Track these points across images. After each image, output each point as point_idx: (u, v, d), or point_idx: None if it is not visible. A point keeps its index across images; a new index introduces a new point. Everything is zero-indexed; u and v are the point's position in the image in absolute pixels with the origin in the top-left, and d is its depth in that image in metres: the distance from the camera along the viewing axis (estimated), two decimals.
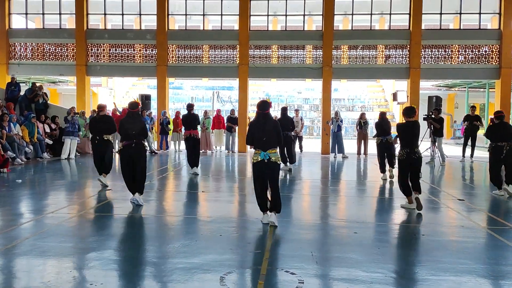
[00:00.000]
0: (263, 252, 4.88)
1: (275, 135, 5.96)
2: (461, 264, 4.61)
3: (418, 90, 16.97)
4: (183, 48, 17.86)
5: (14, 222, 6.06)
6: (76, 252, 4.77)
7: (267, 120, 5.99)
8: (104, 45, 17.98)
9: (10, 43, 18.01)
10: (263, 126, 5.92)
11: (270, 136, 5.89)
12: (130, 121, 7.20)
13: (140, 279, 4.08)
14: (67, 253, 4.71)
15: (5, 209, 6.85)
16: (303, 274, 4.21)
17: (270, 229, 5.78)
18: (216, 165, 14.00)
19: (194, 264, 4.45)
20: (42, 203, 7.51)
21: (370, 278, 4.14)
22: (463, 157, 15.09)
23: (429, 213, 7.26)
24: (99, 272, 4.19)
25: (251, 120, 6.41)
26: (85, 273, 4.17)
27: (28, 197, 8.07)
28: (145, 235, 5.68)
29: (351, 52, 17.40)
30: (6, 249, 4.79)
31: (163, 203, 7.78)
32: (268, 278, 4.05)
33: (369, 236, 5.79)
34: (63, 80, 25.57)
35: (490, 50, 16.88)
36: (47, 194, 8.38)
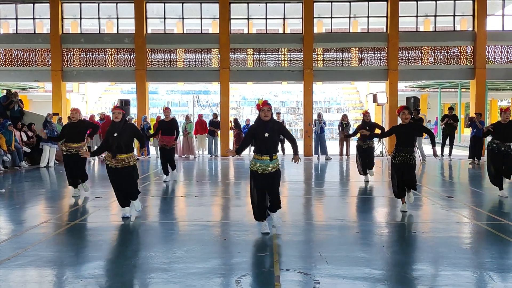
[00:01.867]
0: (271, 254, 4.87)
1: (279, 138, 5.69)
2: (466, 259, 4.72)
3: (397, 91, 17.32)
4: (162, 52, 17.68)
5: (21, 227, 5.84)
6: (80, 262, 4.63)
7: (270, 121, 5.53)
8: (80, 50, 17.60)
9: None
10: (265, 127, 5.46)
11: (275, 139, 5.54)
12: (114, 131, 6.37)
13: (156, 285, 3.99)
14: (71, 262, 4.57)
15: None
16: (316, 274, 4.23)
17: (272, 230, 5.77)
18: (201, 170, 13.89)
19: (206, 268, 4.39)
20: (34, 211, 7.27)
21: (384, 276, 4.18)
22: (442, 155, 15.49)
23: (423, 211, 7.43)
24: (109, 281, 4.08)
25: (252, 124, 5.88)
26: (96, 282, 4.05)
27: (18, 207, 7.79)
28: (148, 242, 5.57)
29: (331, 55, 17.60)
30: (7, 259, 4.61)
31: (158, 209, 7.65)
32: (284, 280, 4.04)
33: (371, 235, 5.85)
34: (34, 86, 24.86)
35: (465, 51, 17.40)
36: (36, 203, 8.12)
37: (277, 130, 5.51)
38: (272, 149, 5.46)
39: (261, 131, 5.42)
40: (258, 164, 5.48)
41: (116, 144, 6.26)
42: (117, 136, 6.26)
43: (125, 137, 6.33)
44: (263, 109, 5.43)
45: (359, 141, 10.20)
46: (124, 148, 6.32)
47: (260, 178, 5.48)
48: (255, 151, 5.55)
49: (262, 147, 5.44)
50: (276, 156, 5.50)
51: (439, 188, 9.71)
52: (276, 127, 5.52)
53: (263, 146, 5.43)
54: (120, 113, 6.38)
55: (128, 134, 6.38)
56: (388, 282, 4.01)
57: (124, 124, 6.38)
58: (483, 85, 17.30)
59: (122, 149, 6.30)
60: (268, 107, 5.45)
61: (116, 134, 6.25)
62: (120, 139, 6.26)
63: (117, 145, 6.27)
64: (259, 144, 5.47)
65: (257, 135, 5.46)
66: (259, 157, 5.50)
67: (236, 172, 13.12)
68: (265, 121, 5.44)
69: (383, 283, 4.00)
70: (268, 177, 5.48)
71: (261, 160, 5.48)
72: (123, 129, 6.33)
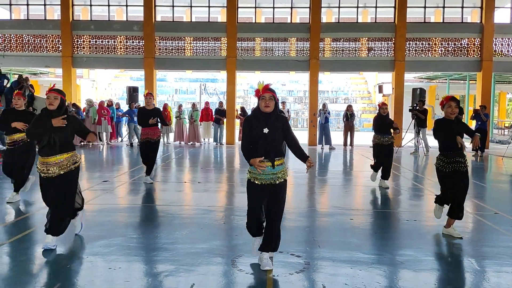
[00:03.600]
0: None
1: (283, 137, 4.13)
2: (455, 246, 4.92)
3: (403, 82, 17.39)
4: (171, 40, 17.87)
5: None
6: (86, 240, 4.91)
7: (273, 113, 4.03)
8: (90, 36, 17.85)
9: None
10: (265, 121, 3.98)
11: (278, 138, 4.07)
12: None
13: (156, 262, 4.26)
14: (77, 241, 4.85)
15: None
16: (307, 257, 4.47)
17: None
18: (206, 157, 14.17)
19: (204, 249, 4.65)
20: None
21: (371, 259, 4.41)
22: None
23: (421, 201, 7.64)
24: (114, 258, 4.36)
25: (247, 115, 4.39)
26: (102, 259, 4.32)
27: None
28: (151, 224, 5.84)
29: (337, 45, 17.67)
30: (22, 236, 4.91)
31: (163, 194, 7.93)
32: (276, 261, 4.27)
33: (364, 222, 6.08)
34: (45, 71, 25.22)
35: (472, 43, 17.37)
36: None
37: (280, 126, 4.03)
38: (274, 152, 4.00)
39: (259, 126, 3.96)
40: (255, 171, 4.01)
41: (48, 140, 4.48)
42: (50, 129, 4.46)
43: (62, 131, 4.53)
44: (264, 97, 3.96)
45: (378, 139, 8.33)
46: (58, 148, 4.51)
47: (257, 191, 4.05)
48: (252, 154, 4.02)
49: (259, 148, 3.97)
50: (281, 161, 4.06)
51: None
52: (279, 122, 4.03)
53: (260, 146, 3.96)
54: (57, 98, 4.54)
55: (68, 129, 4.56)
56: (375, 265, 4.24)
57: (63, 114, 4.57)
58: (489, 77, 17.30)
59: (56, 148, 4.51)
60: (270, 94, 3.96)
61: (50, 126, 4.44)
62: (55, 134, 4.48)
63: (48, 141, 4.49)
64: (256, 144, 3.99)
65: (253, 132, 3.98)
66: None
67: (241, 160, 13.37)
68: (265, 113, 3.99)
69: (370, 265, 4.23)
70: (269, 191, 4.03)
71: (262, 168, 3.96)
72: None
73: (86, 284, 3.74)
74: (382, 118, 8.18)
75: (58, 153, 4.51)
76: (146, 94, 8.40)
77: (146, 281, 3.80)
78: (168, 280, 3.84)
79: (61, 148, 4.51)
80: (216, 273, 4.04)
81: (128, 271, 4.07)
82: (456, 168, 5.06)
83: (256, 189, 4.06)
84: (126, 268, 4.13)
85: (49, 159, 4.50)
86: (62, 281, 3.75)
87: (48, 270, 4.10)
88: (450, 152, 5.08)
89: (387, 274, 4.06)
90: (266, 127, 3.96)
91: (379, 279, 3.91)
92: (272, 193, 4.04)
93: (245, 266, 4.18)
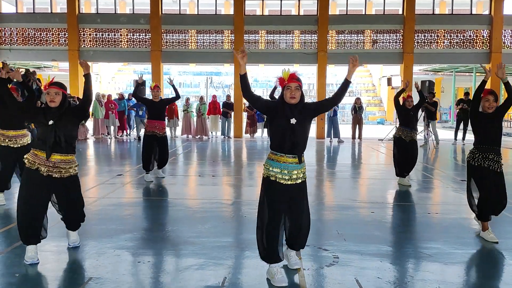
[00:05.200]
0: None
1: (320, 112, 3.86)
2: (482, 239, 4.88)
3: (412, 74, 17.30)
4: (177, 33, 17.78)
5: None
6: (110, 234, 4.88)
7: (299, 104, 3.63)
8: (96, 29, 17.77)
9: (0, 28, 17.66)
10: (292, 111, 3.57)
11: (307, 130, 3.70)
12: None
13: (184, 256, 4.23)
14: (106, 234, 4.83)
15: None
16: (335, 250, 4.43)
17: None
18: (215, 150, 14.14)
19: (230, 242, 4.63)
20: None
21: (399, 253, 4.38)
22: (455, 140, 15.55)
23: (435, 193, 7.61)
24: (141, 251, 4.34)
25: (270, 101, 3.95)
26: (128, 253, 4.30)
27: None
28: (171, 217, 5.83)
29: (345, 37, 17.57)
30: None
31: (177, 187, 7.91)
32: (304, 254, 4.24)
33: (385, 215, 6.06)
34: (48, 65, 25.16)
35: (481, 34, 17.26)
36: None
37: (310, 115, 3.67)
38: (302, 145, 3.63)
39: (285, 116, 3.54)
40: (278, 169, 3.57)
41: (52, 138, 3.95)
42: (54, 125, 3.95)
43: (65, 127, 4.03)
44: (289, 87, 3.57)
45: (400, 133, 7.75)
46: (64, 145, 4.03)
47: (279, 193, 3.58)
48: (272, 148, 3.64)
49: (285, 141, 3.54)
50: (304, 158, 3.70)
51: (452, 172, 9.85)
52: (307, 111, 3.65)
53: (287, 139, 3.53)
54: (58, 94, 4.00)
55: (70, 120, 4.06)
56: (404, 259, 4.21)
57: (65, 109, 4.04)
58: None
59: (60, 146, 4.01)
60: (296, 84, 3.58)
61: (52, 122, 3.95)
62: (58, 130, 3.97)
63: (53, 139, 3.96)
64: (281, 137, 3.56)
65: (278, 122, 3.57)
66: (280, 157, 3.58)
67: (249, 153, 13.35)
68: (291, 104, 3.59)
69: (399, 259, 4.21)
70: (292, 192, 3.62)
71: (283, 164, 3.57)
72: (63, 115, 4.01)
73: (118, 278, 3.72)
74: (407, 111, 7.66)
75: (64, 152, 4.01)
76: (154, 87, 8.15)
77: (177, 275, 3.78)
78: (199, 274, 3.81)
79: (67, 147, 4.02)
80: (246, 266, 4.02)
81: (157, 264, 4.06)
82: (485, 165, 4.71)
83: (276, 190, 3.56)
84: (155, 262, 4.11)
85: (53, 157, 3.97)
86: (94, 276, 3.73)
87: (77, 265, 4.08)
88: (484, 146, 4.76)
89: (417, 267, 4.04)
90: (294, 117, 3.54)
91: (411, 273, 3.89)
92: (295, 194, 3.63)
93: None
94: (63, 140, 3.98)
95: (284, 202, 3.62)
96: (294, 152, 3.58)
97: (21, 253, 4.07)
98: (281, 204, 3.60)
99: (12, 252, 4.29)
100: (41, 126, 3.99)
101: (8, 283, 3.58)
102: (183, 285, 3.58)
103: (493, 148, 4.72)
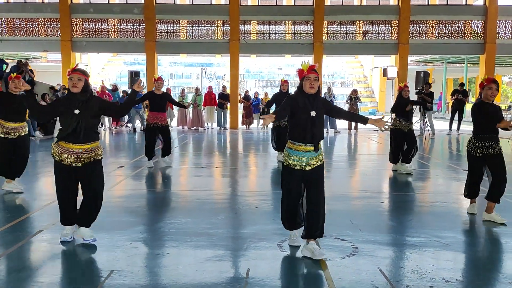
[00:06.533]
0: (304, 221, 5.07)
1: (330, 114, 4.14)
2: (494, 227, 4.92)
3: (407, 65, 17.37)
4: (172, 23, 17.57)
5: None
6: (123, 227, 4.82)
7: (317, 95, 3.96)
8: (89, 20, 17.47)
9: None
10: (312, 104, 3.87)
11: (322, 121, 4.02)
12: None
13: (202, 247, 4.19)
14: (119, 227, 4.77)
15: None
16: (352, 240, 4.43)
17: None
18: (213, 142, 14.08)
19: (246, 234, 4.61)
20: None
21: (417, 242, 4.39)
22: (450, 130, 15.67)
23: (440, 183, 7.66)
24: (158, 243, 4.30)
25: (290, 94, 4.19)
26: (146, 245, 4.25)
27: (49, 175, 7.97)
28: (182, 209, 5.78)
29: (340, 28, 17.53)
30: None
31: (182, 178, 7.86)
32: (323, 245, 4.23)
33: (395, 205, 6.09)
34: (37, 56, 24.76)
35: (475, 25, 17.35)
36: None
37: (323, 108, 3.96)
38: (319, 135, 3.94)
39: (306, 108, 3.83)
40: (296, 157, 3.90)
41: (76, 126, 3.98)
42: (79, 114, 3.99)
43: (89, 116, 4.07)
44: (309, 78, 3.86)
45: (399, 124, 7.92)
46: (88, 134, 4.07)
47: (298, 177, 3.94)
48: (293, 138, 3.93)
49: (306, 133, 3.84)
50: (321, 145, 4.04)
51: (450, 161, 9.93)
52: (321, 102, 3.97)
53: (308, 130, 3.84)
54: (81, 80, 4.03)
55: (94, 111, 4.10)
56: (423, 248, 4.22)
57: (89, 97, 4.09)
58: (492, 60, 17.33)
59: (84, 135, 4.04)
60: (315, 75, 3.87)
61: (79, 111, 3.98)
62: (81, 120, 4.00)
63: (77, 128, 3.99)
64: (301, 128, 3.86)
65: (299, 114, 3.85)
66: (300, 147, 3.90)
67: (246, 144, 13.32)
68: (309, 95, 3.89)
69: (418, 248, 4.22)
70: (310, 175, 3.93)
71: (301, 152, 3.89)
72: (88, 104, 4.05)
73: (139, 270, 3.68)
74: (403, 101, 7.87)
75: (83, 142, 4.02)
76: (158, 79, 8.30)
77: (199, 267, 3.74)
78: (221, 265, 3.78)
79: (86, 136, 4.02)
80: (267, 258, 3.99)
81: (177, 256, 4.01)
82: (488, 152, 4.94)
83: (296, 176, 3.94)
84: (174, 254, 4.07)
85: (76, 146, 4.01)
86: (115, 268, 3.68)
87: (95, 258, 4.02)
88: (485, 134, 4.96)
89: (438, 256, 4.05)
90: (313, 109, 3.86)
91: (432, 262, 3.90)
92: (313, 178, 3.94)
93: (293, 251, 4.14)
94: (87, 129, 4.03)
95: (300, 186, 3.99)
96: (313, 142, 3.91)
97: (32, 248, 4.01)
98: (298, 187, 3.99)
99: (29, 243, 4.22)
100: (65, 116, 4.02)
101: (27, 276, 3.52)
102: (207, 277, 3.55)
103: (493, 136, 4.94)
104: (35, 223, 5.02)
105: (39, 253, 4.12)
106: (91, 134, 4.09)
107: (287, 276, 3.62)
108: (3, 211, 5.50)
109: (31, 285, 3.41)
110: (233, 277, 3.55)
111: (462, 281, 3.51)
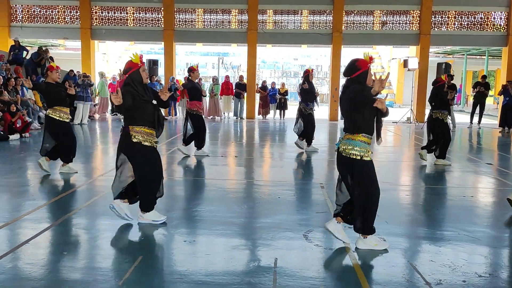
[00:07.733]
0: (330, 212, 5.02)
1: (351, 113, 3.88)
2: None
3: (428, 56, 17.05)
4: (190, 12, 17.49)
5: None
6: None
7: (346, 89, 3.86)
8: (108, 8, 17.48)
9: (11, 5, 17.38)
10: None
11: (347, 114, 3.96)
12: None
13: (228, 236, 4.18)
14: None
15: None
16: (380, 233, 4.34)
17: (323, 192, 5.92)
18: (231, 131, 14.05)
19: (270, 223, 4.57)
20: (91, 166, 7.49)
21: (447, 236, 4.31)
22: (471, 123, 15.40)
23: (464, 176, 7.52)
24: (184, 231, 4.29)
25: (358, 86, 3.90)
26: (173, 232, 4.25)
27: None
28: (205, 198, 5.78)
29: (360, 18, 17.27)
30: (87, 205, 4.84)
31: (203, 167, 7.84)
32: (350, 236, 4.17)
33: (420, 198, 6.01)
34: (56, 44, 24.92)
35: (499, 17, 16.93)
36: (94, 157, 8.35)
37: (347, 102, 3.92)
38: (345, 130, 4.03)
39: (372, 101, 3.60)
40: (370, 150, 3.93)
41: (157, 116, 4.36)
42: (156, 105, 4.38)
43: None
44: (369, 70, 3.78)
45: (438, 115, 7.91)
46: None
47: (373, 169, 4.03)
48: (366, 132, 3.83)
49: (373, 125, 3.88)
50: (353, 137, 3.92)
51: (476, 155, 9.76)
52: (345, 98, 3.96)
53: (373, 123, 3.87)
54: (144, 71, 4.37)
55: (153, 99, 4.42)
56: (453, 242, 4.14)
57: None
58: None
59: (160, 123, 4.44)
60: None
61: (156, 102, 4.36)
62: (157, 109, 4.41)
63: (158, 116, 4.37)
64: (372, 121, 3.83)
65: (372, 107, 3.63)
66: (370, 140, 3.90)
67: (262, 134, 13.26)
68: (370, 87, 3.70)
69: (448, 242, 4.13)
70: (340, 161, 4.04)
71: (369, 145, 3.91)
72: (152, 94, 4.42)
73: (168, 257, 3.68)
74: (442, 93, 7.81)
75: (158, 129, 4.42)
76: (196, 67, 8.37)
77: (227, 255, 3.72)
78: (248, 254, 3.76)
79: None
80: (294, 248, 3.95)
81: (204, 244, 4.00)
82: None
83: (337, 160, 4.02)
84: (201, 241, 4.06)
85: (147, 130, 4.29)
86: (144, 254, 3.68)
87: (124, 244, 4.03)
88: None
89: (469, 250, 3.96)
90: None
91: (464, 256, 3.82)
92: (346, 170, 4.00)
93: (320, 241, 4.10)
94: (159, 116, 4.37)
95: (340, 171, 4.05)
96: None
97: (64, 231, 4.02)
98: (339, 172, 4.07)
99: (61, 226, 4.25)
100: (142, 104, 4.21)
101: (56, 260, 3.54)
102: (235, 265, 3.53)
103: None
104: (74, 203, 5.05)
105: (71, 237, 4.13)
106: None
107: (316, 267, 3.58)
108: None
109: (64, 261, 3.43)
110: (261, 266, 3.52)
111: (496, 276, 3.43)
